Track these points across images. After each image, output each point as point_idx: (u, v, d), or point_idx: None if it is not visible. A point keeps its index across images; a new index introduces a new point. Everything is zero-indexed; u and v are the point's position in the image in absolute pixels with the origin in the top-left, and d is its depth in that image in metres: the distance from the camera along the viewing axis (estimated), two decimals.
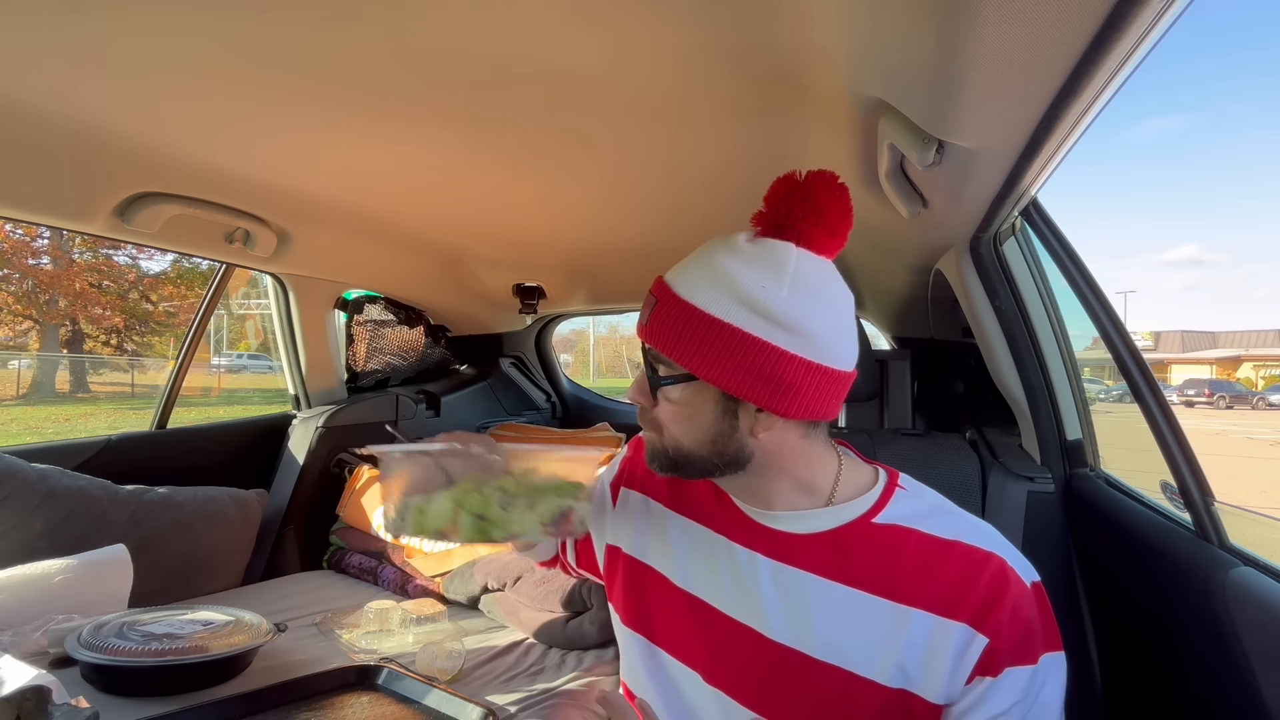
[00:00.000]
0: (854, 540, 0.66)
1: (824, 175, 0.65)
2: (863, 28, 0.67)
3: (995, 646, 0.60)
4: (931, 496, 0.71)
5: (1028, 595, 0.63)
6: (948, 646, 0.61)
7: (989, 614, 0.61)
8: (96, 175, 1.25)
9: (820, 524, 0.68)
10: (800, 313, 0.61)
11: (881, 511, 0.67)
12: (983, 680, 0.60)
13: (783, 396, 0.62)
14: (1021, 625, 0.61)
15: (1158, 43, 0.55)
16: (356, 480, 2.00)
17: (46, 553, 1.33)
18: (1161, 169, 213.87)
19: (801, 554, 0.68)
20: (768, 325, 0.61)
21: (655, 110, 0.99)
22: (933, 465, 1.32)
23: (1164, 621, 0.87)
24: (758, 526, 0.71)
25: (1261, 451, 10.26)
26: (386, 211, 1.58)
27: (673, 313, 0.64)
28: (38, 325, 10.64)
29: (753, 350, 0.61)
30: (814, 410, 0.63)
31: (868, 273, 1.86)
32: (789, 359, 0.61)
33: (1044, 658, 0.62)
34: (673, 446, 0.68)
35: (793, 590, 0.67)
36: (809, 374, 0.62)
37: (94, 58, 0.88)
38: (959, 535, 0.65)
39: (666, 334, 0.64)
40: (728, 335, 0.61)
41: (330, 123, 1.07)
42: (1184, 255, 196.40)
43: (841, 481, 0.69)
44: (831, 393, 0.64)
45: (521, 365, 2.98)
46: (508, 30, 0.79)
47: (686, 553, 0.75)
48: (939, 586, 0.62)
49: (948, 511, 0.69)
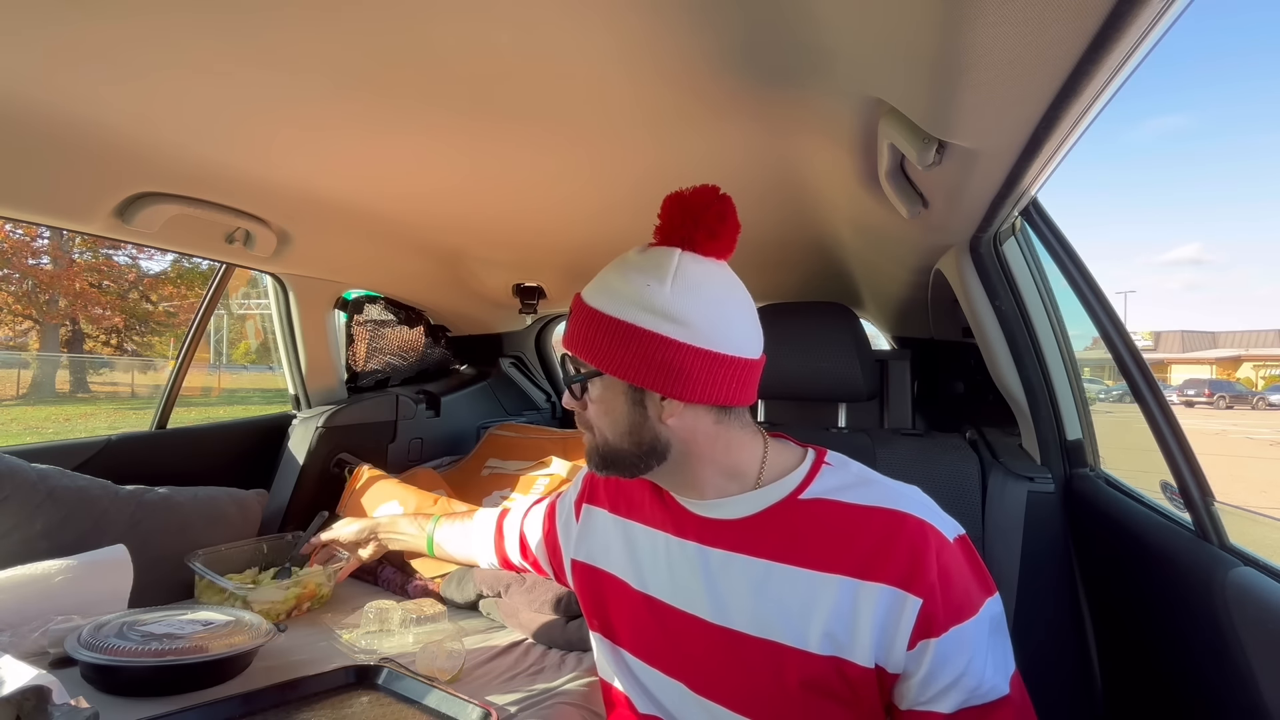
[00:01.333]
0: (780, 518, 0.71)
1: (706, 189, 0.73)
2: (862, 27, 0.67)
3: (930, 609, 0.62)
4: (856, 469, 0.75)
5: (953, 550, 0.65)
6: (871, 608, 0.63)
7: (915, 575, 0.63)
8: (96, 175, 1.25)
9: (749, 507, 0.72)
10: (683, 306, 0.68)
11: (808, 488, 0.71)
12: (928, 644, 0.62)
13: (676, 381, 0.68)
14: (954, 583, 0.63)
15: (1158, 43, 0.55)
16: (356, 480, 2.00)
17: (46, 553, 1.33)
18: (1164, 169, 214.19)
19: (731, 537, 0.72)
20: (655, 319, 0.68)
21: (655, 110, 0.99)
22: (933, 465, 1.32)
23: (1164, 621, 0.87)
24: (693, 517, 0.76)
25: (1261, 451, 10.26)
26: (387, 211, 1.58)
27: (582, 320, 0.73)
28: (38, 325, 10.65)
29: (645, 342, 0.68)
30: (713, 394, 0.69)
31: (868, 273, 1.86)
32: (677, 346, 0.67)
33: (983, 607, 0.64)
34: (601, 442, 0.75)
35: (724, 572, 0.71)
36: (698, 359, 0.68)
37: (94, 57, 0.88)
38: (879, 501, 0.68)
39: (577, 338, 0.73)
40: (623, 331, 0.69)
41: (331, 123, 1.07)
42: (1185, 255, 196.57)
43: (768, 464, 0.74)
44: (727, 377, 0.69)
45: (521, 365, 2.98)
46: (509, 31, 0.79)
47: (641, 556, 0.81)
48: (857, 551, 0.66)
49: (871, 482, 0.72)
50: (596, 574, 0.86)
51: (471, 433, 2.60)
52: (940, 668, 0.62)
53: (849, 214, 1.31)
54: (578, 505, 0.93)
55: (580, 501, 0.93)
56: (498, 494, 2.12)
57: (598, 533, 0.88)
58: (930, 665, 0.63)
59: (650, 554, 0.80)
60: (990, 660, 0.63)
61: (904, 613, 0.62)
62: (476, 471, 2.32)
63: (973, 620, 0.63)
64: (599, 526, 0.88)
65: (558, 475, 2.08)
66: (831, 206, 1.31)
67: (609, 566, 0.84)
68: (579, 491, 0.95)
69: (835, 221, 1.41)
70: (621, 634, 0.82)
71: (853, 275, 1.94)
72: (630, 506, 0.85)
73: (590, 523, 0.90)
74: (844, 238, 1.52)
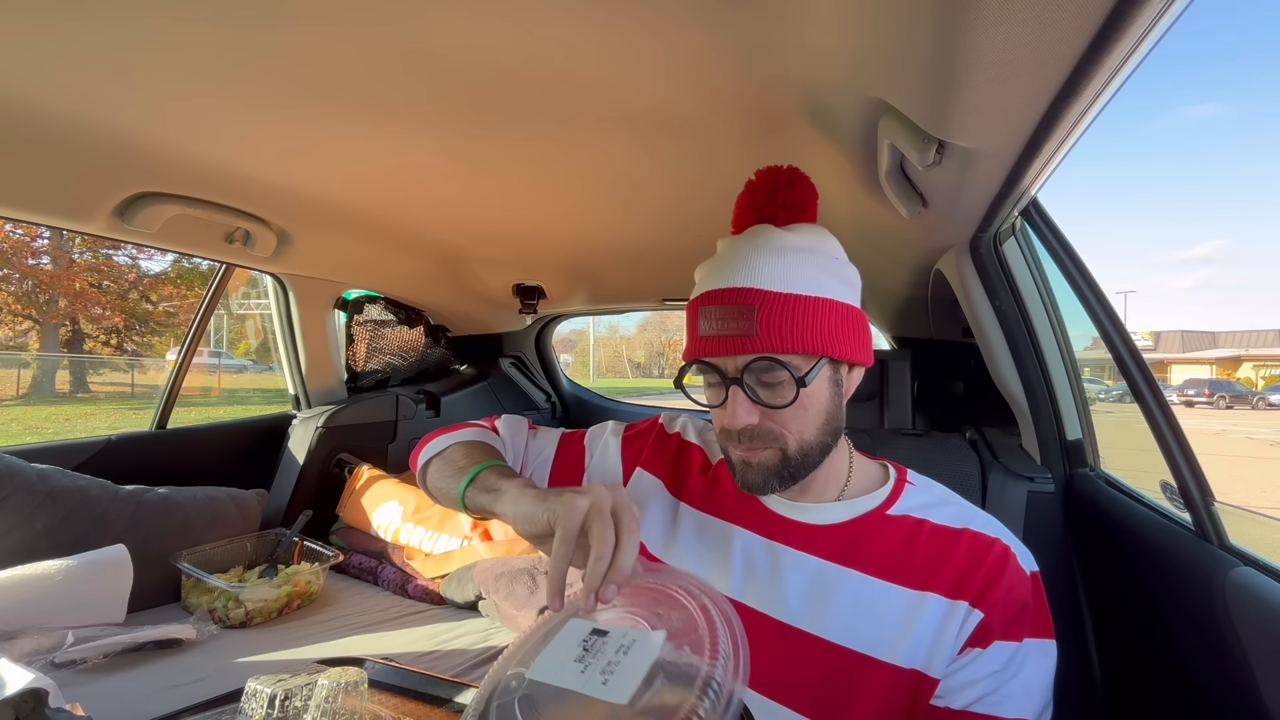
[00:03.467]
0: (870, 531, 0.70)
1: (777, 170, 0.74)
2: (862, 28, 0.67)
3: (988, 622, 0.63)
4: (939, 490, 0.75)
5: (1025, 580, 0.66)
6: (955, 626, 0.64)
7: (987, 592, 0.64)
8: (96, 175, 1.25)
9: (837, 516, 0.72)
10: (849, 270, 0.70)
11: (895, 504, 0.71)
12: (972, 651, 0.63)
13: (864, 345, 0.69)
14: (1014, 605, 0.64)
15: (1158, 43, 0.55)
16: (356, 480, 2.00)
17: (46, 553, 1.33)
18: (1182, 164, 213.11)
19: (821, 543, 0.71)
20: (848, 289, 0.68)
21: (654, 110, 0.99)
22: (933, 465, 1.32)
23: (1164, 621, 0.87)
24: (777, 518, 0.73)
25: (1261, 451, 10.26)
26: (386, 211, 1.58)
27: (785, 309, 0.64)
28: (38, 325, 10.65)
29: (849, 314, 0.67)
30: (870, 353, 0.72)
31: (868, 273, 1.85)
32: (858, 311, 0.69)
33: (1028, 640, 0.64)
34: (797, 447, 0.67)
35: (812, 577, 0.69)
36: (864, 321, 0.70)
37: (94, 58, 0.88)
38: (967, 523, 0.69)
39: (788, 330, 0.64)
40: (836, 310, 0.66)
41: (331, 123, 1.07)
42: (1199, 254, 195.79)
43: (854, 474, 0.74)
44: (869, 335, 0.72)
45: (521, 365, 2.98)
46: (508, 31, 0.79)
47: (692, 542, 0.76)
48: (949, 571, 0.66)
49: (955, 502, 0.73)
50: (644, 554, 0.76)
51: None
52: (962, 669, 0.63)
53: (849, 214, 1.31)
54: (629, 462, 0.83)
55: (631, 461, 0.83)
56: None
57: (641, 501, 0.79)
58: (957, 666, 0.63)
59: (702, 541, 0.75)
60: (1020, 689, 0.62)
61: (966, 624, 0.63)
62: None
63: (1014, 645, 0.63)
64: (644, 493, 0.80)
65: None
66: (831, 206, 1.31)
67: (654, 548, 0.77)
68: (629, 446, 0.84)
69: (835, 221, 1.41)
70: None
71: None
72: (689, 489, 0.79)
73: (638, 488, 0.80)
74: (844, 238, 1.51)
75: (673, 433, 0.86)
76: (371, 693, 0.78)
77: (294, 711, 0.67)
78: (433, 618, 1.58)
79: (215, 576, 1.48)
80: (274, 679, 0.70)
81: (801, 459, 0.68)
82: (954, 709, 0.63)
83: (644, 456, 0.84)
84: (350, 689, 0.70)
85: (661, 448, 0.84)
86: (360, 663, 0.87)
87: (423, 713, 0.79)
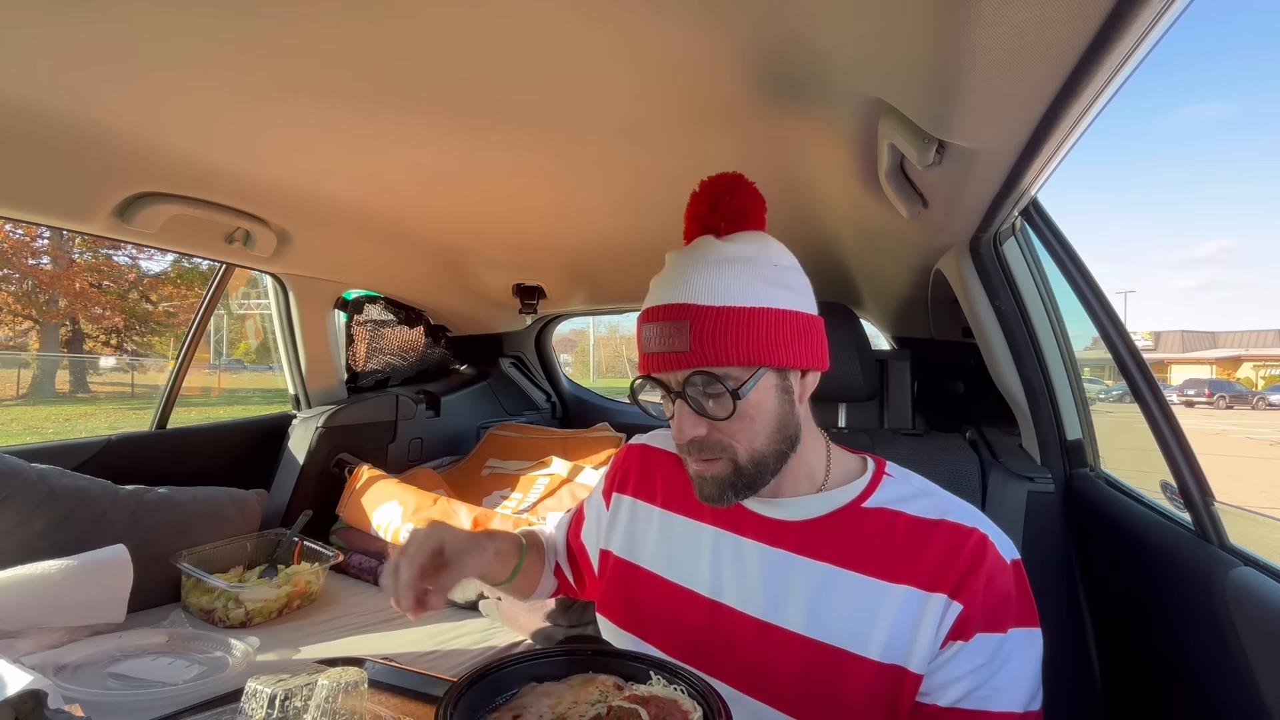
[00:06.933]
0: (845, 524, 0.70)
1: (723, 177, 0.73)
2: (862, 28, 0.67)
3: (968, 614, 0.63)
4: (917, 481, 0.74)
5: (1005, 569, 0.65)
6: (933, 618, 0.63)
7: (965, 583, 0.63)
8: (96, 175, 1.25)
9: (813, 510, 0.71)
10: (793, 276, 0.69)
11: (871, 496, 0.71)
12: (954, 644, 0.63)
13: (814, 350, 0.68)
14: (995, 595, 0.64)
15: (1158, 43, 0.55)
16: (356, 480, 2.00)
17: (46, 553, 1.33)
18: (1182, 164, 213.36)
19: (794, 538, 0.71)
20: (788, 294, 0.67)
21: (655, 110, 0.99)
22: (933, 465, 1.32)
23: (1164, 621, 0.87)
24: (751, 515, 0.74)
25: (1261, 451, 10.26)
26: (386, 211, 1.58)
27: (715, 324, 0.64)
28: (38, 325, 10.65)
29: (790, 320, 0.66)
30: (823, 358, 0.70)
31: (868, 273, 1.86)
32: (804, 316, 0.68)
33: (1013, 630, 0.64)
34: (748, 457, 0.68)
35: (786, 573, 0.70)
36: (813, 324, 0.69)
37: (94, 57, 0.88)
38: (944, 514, 0.68)
39: (719, 344, 0.64)
40: (772, 317, 0.65)
41: (331, 123, 1.07)
42: (1202, 254, 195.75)
43: (832, 468, 0.74)
44: (823, 340, 0.71)
45: (521, 365, 2.98)
46: (508, 31, 0.79)
47: (678, 547, 0.78)
48: (925, 563, 0.65)
49: (933, 493, 0.72)
50: (628, 569, 0.82)
51: (471, 433, 2.60)
52: (946, 664, 0.63)
53: (849, 214, 1.31)
54: (607, 493, 0.89)
55: (609, 490, 0.89)
56: (498, 494, 2.12)
57: (624, 522, 0.84)
58: (940, 661, 0.63)
59: (686, 545, 0.77)
60: (1008, 680, 0.62)
61: (946, 616, 0.63)
62: (477, 471, 2.32)
63: (998, 637, 0.63)
64: (625, 515, 0.85)
65: (558, 475, 2.08)
66: (831, 207, 1.31)
67: (637, 558, 0.81)
68: (607, 481, 0.91)
69: (835, 221, 1.41)
70: (651, 628, 0.78)
71: (853, 275, 1.94)
72: (668, 496, 0.81)
73: (618, 512, 0.86)
74: (844, 238, 1.52)
75: (639, 445, 0.91)
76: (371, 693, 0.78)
77: (294, 711, 0.67)
78: (433, 618, 1.58)
79: (215, 576, 1.48)
80: (274, 679, 0.70)
81: (754, 469, 0.68)
82: (941, 706, 0.63)
83: (617, 482, 0.89)
84: (350, 689, 0.70)
85: (629, 467, 0.89)
86: (360, 663, 0.87)
87: (423, 713, 0.79)
